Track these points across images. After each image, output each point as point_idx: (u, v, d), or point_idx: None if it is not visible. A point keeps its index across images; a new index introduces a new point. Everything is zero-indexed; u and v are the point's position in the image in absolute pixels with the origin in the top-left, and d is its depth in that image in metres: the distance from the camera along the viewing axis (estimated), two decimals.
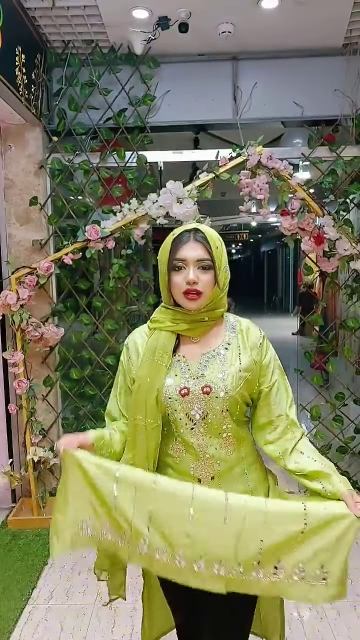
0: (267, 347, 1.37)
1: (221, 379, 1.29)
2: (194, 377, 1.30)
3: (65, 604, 2.41)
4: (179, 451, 1.33)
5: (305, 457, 1.30)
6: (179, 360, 1.33)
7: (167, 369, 1.31)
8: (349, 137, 3.17)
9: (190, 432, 1.30)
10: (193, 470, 1.31)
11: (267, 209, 3.03)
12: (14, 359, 3.01)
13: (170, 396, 1.30)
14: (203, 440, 1.30)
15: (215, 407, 1.29)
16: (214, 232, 1.33)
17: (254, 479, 1.36)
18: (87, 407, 3.31)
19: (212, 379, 1.29)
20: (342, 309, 3.64)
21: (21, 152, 3.17)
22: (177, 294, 1.30)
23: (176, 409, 1.30)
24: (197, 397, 1.29)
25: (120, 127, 3.16)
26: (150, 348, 1.34)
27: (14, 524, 3.07)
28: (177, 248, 1.28)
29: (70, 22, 2.88)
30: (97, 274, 3.42)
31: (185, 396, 1.29)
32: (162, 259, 1.32)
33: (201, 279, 1.27)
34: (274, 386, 1.35)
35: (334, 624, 2.22)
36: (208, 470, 1.31)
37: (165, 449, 1.35)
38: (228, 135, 3.57)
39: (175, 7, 2.70)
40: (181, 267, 1.28)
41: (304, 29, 2.93)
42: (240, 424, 1.36)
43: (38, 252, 3.19)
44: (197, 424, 1.30)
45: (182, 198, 2.93)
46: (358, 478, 3.41)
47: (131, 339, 1.42)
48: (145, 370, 1.33)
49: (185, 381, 1.30)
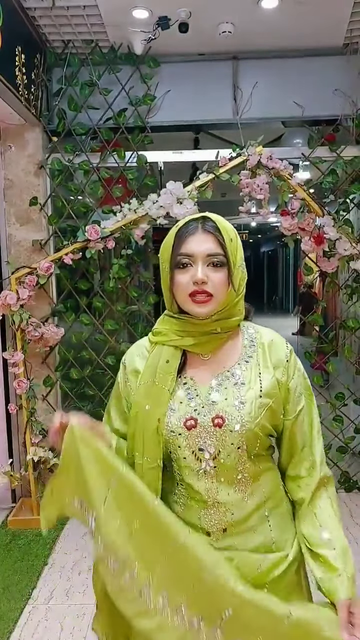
0: (295, 366, 1.12)
1: (236, 408, 1.04)
2: (202, 404, 1.05)
3: (65, 604, 2.41)
4: (182, 497, 1.09)
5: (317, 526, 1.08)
6: (185, 384, 1.08)
7: (170, 394, 1.06)
8: (349, 137, 3.17)
9: (197, 474, 1.05)
10: (200, 520, 1.06)
11: (267, 209, 3.03)
12: (14, 359, 3.01)
13: (173, 429, 1.05)
14: (213, 483, 1.05)
15: (229, 444, 1.03)
16: (226, 221, 1.09)
17: (277, 525, 1.09)
18: (87, 407, 3.31)
19: (225, 408, 1.04)
20: (342, 309, 3.64)
21: (21, 152, 3.17)
22: (181, 296, 1.05)
23: (180, 445, 1.05)
24: (206, 430, 1.04)
25: (120, 127, 3.16)
26: (151, 367, 1.10)
27: (14, 524, 3.07)
28: (181, 241, 1.04)
29: (70, 22, 2.87)
30: (97, 274, 3.42)
31: (192, 429, 1.04)
32: (164, 255, 1.08)
33: (211, 278, 1.03)
34: (299, 415, 1.11)
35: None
36: (219, 521, 1.05)
37: (166, 494, 1.11)
38: (228, 135, 3.56)
39: (175, 7, 2.69)
40: (187, 264, 1.04)
41: (304, 28, 2.93)
42: (261, 458, 1.10)
43: (38, 252, 3.19)
44: (206, 465, 1.04)
45: (182, 198, 2.93)
46: (358, 478, 3.41)
47: (129, 356, 1.17)
48: (144, 396, 1.08)
49: (192, 410, 1.05)
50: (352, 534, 2.91)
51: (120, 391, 1.18)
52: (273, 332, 1.16)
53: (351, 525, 3.00)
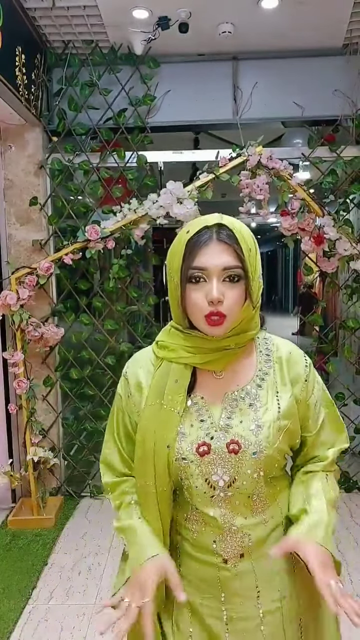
0: (314, 380, 1.04)
1: (253, 432, 0.95)
2: (216, 428, 0.96)
3: (65, 604, 2.41)
4: (196, 523, 1.01)
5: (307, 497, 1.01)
6: (196, 404, 0.99)
7: (180, 417, 0.97)
8: (349, 137, 3.17)
9: (210, 501, 0.97)
10: (216, 547, 0.98)
11: (267, 209, 3.03)
12: (14, 359, 3.01)
13: (185, 456, 0.95)
14: (227, 509, 0.97)
15: (246, 471, 0.95)
16: (244, 227, 0.96)
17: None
18: (87, 407, 3.31)
19: (240, 432, 0.96)
20: (342, 309, 3.64)
21: (21, 152, 3.17)
22: (195, 315, 0.94)
23: (192, 473, 0.96)
24: (220, 457, 0.95)
25: (120, 127, 3.16)
26: (158, 387, 0.99)
27: (14, 524, 3.07)
28: (193, 252, 0.92)
29: (70, 22, 2.87)
30: (97, 274, 3.42)
31: (205, 455, 0.95)
32: (172, 264, 0.96)
33: (227, 297, 0.92)
34: (321, 430, 1.06)
35: None
36: (235, 547, 0.98)
37: (179, 519, 1.03)
38: (228, 135, 3.56)
39: (175, 7, 2.69)
40: (199, 279, 0.92)
41: (304, 29, 2.93)
42: (278, 480, 1.05)
43: (38, 252, 3.19)
44: (220, 492, 0.96)
45: (182, 198, 2.93)
46: (358, 478, 3.41)
47: (132, 370, 1.06)
48: (151, 419, 0.98)
49: (204, 434, 0.96)
50: (352, 534, 2.91)
51: (124, 406, 1.06)
52: (290, 344, 1.07)
53: (351, 525, 3.00)
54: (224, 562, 0.99)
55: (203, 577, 1.01)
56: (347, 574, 2.56)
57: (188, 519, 1.02)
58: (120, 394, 1.07)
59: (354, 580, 2.51)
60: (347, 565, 2.63)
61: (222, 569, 0.99)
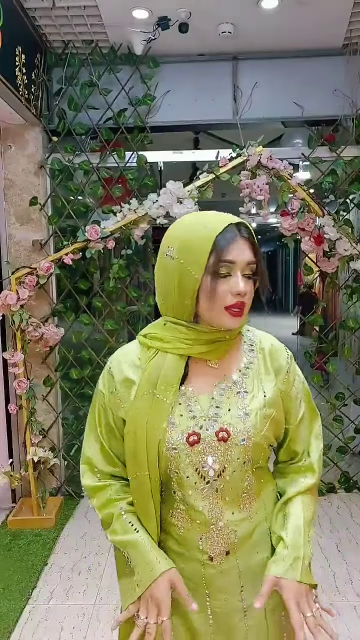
0: (295, 372, 1.09)
1: (241, 419, 0.98)
2: (205, 417, 0.98)
3: (65, 604, 2.41)
4: (181, 519, 1.01)
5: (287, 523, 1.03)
6: (184, 394, 1.01)
7: (171, 408, 0.98)
8: (349, 137, 3.17)
9: (201, 494, 0.98)
10: (202, 544, 1.00)
11: (267, 210, 3.03)
12: (14, 359, 3.01)
13: (175, 446, 0.97)
14: (217, 504, 0.99)
15: (235, 459, 0.98)
16: None
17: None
18: (87, 407, 3.30)
19: (229, 420, 0.98)
20: (342, 309, 3.64)
21: (21, 152, 3.17)
22: (216, 307, 0.97)
23: (182, 463, 0.97)
24: (210, 445, 0.97)
25: (120, 127, 3.16)
26: (150, 378, 1.00)
27: (14, 524, 3.07)
28: (223, 248, 0.95)
29: (70, 22, 2.87)
30: (97, 274, 3.42)
31: (195, 445, 0.97)
32: (195, 259, 0.95)
33: (247, 290, 0.98)
34: (301, 423, 1.09)
35: (334, 624, 2.21)
36: (221, 544, 1.00)
37: (164, 515, 1.03)
38: (228, 135, 3.57)
39: (175, 7, 2.69)
40: (226, 274, 0.96)
41: (304, 29, 2.93)
42: (263, 472, 1.08)
43: (38, 252, 3.19)
44: (211, 484, 0.98)
45: (182, 198, 2.93)
46: (358, 478, 3.41)
47: (116, 365, 1.05)
48: (143, 410, 0.98)
49: (194, 424, 0.98)
50: (352, 534, 2.91)
51: (106, 403, 1.05)
52: (271, 337, 1.11)
53: (351, 525, 3.00)
54: (209, 559, 1.00)
55: (188, 575, 1.01)
56: (347, 573, 2.57)
57: (174, 515, 1.02)
58: (103, 391, 1.07)
59: (354, 581, 2.51)
60: (347, 565, 2.63)
61: (208, 567, 1.01)
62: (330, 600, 2.37)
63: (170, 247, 1.00)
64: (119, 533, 1.02)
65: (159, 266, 1.03)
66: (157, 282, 1.04)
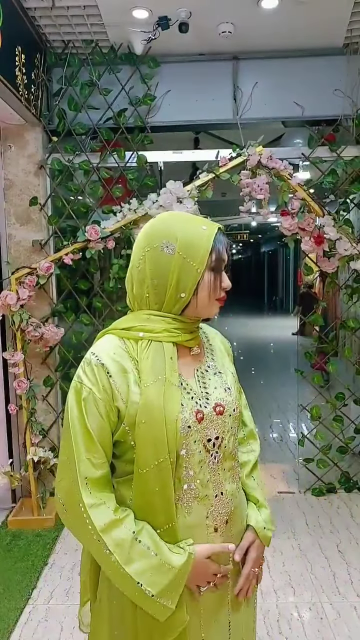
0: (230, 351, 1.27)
1: (228, 393, 1.13)
2: (200, 397, 1.09)
3: (65, 604, 2.41)
4: (188, 500, 1.04)
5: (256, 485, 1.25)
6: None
7: (181, 391, 1.06)
8: (349, 137, 3.17)
9: (207, 467, 1.07)
10: (209, 517, 1.07)
11: (267, 209, 3.03)
12: (14, 359, 3.01)
13: (189, 424, 1.04)
14: (219, 475, 1.09)
15: (229, 429, 1.11)
16: None
17: (242, 501, 1.20)
18: None
19: (220, 396, 1.11)
20: (342, 309, 3.64)
21: (21, 152, 3.17)
22: (210, 299, 1.09)
23: (195, 439, 1.05)
24: (211, 420, 1.08)
25: (120, 127, 3.16)
26: (155, 365, 1.04)
27: (14, 524, 3.07)
28: (218, 247, 1.08)
29: (70, 22, 2.88)
30: (97, 274, 3.42)
31: (201, 421, 1.06)
32: (200, 256, 1.05)
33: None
34: (240, 394, 1.27)
35: (334, 624, 2.22)
36: (223, 513, 1.09)
37: None
38: (228, 135, 3.57)
39: (175, 7, 2.69)
40: (219, 270, 1.09)
41: (304, 29, 2.93)
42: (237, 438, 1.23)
43: (38, 252, 3.19)
44: (214, 455, 1.08)
45: (182, 198, 2.93)
46: (358, 478, 3.41)
47: (104, 355, 1.04)
48: (157, 396, 1.01)
49: (194, 403, 1.07)
50: (352, 534, 2.91)
51: (103, 401, 1.01)
52: (207, 325, 1.27)
53: (351, 525, 3.00)
54: (214, 530, 1.07)
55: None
56: (347, 574, 2.57)
57: (181, 499, 1.03)
58: (89, 386, 1.02)
59: (354, 581, 2.51)
60: (347, 566, 2.63)
61: (214, 538, 1.08)
62: (330, 600, 2.37)
63: (167, 242, 1.05)
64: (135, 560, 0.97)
65: (149, 260, 1.06)
66: (145, 276, 1.07)
